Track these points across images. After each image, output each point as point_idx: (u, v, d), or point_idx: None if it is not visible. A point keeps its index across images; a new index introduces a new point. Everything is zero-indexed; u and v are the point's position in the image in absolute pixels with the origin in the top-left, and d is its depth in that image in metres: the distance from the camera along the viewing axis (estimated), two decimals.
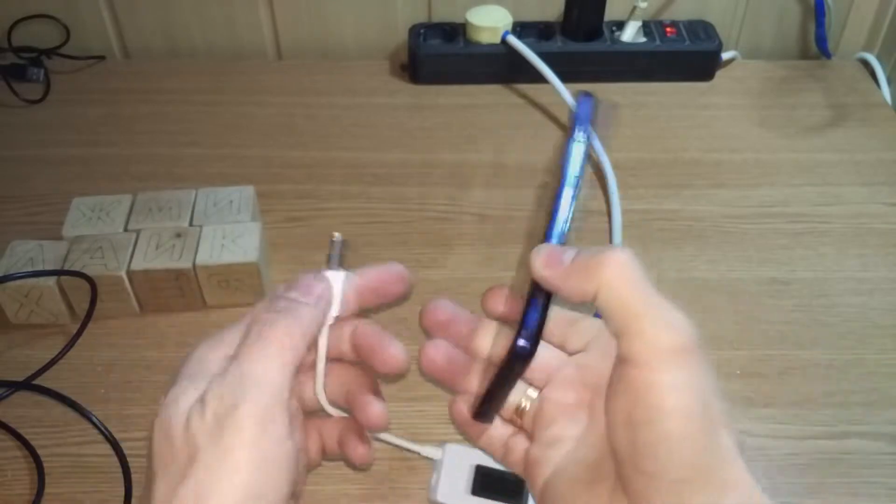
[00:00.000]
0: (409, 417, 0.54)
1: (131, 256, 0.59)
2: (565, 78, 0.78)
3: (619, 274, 0.32)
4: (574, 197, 0.36)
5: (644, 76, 0.83)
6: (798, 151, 0.75)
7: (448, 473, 0.43)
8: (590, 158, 0.74)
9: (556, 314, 0.36)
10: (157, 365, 0.57)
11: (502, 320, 0.37)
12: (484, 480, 0.42)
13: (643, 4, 0.80)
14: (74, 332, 0.58)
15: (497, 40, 0.81)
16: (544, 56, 0.79)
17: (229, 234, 0.60)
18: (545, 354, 0.36)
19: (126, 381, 0.56)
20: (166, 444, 0.31)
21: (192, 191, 0.64)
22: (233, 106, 0.81)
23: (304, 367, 0.37)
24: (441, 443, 0.46)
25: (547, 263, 0.33)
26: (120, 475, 0.51)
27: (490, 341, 0.37)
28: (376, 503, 0.50)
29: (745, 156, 0.75)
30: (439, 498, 0.43)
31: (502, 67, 0.82)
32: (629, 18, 0.82)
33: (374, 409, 0.36)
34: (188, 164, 0.74)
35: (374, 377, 0.38)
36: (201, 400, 0.32)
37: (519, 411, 0.37)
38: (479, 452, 0.42)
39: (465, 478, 0.42)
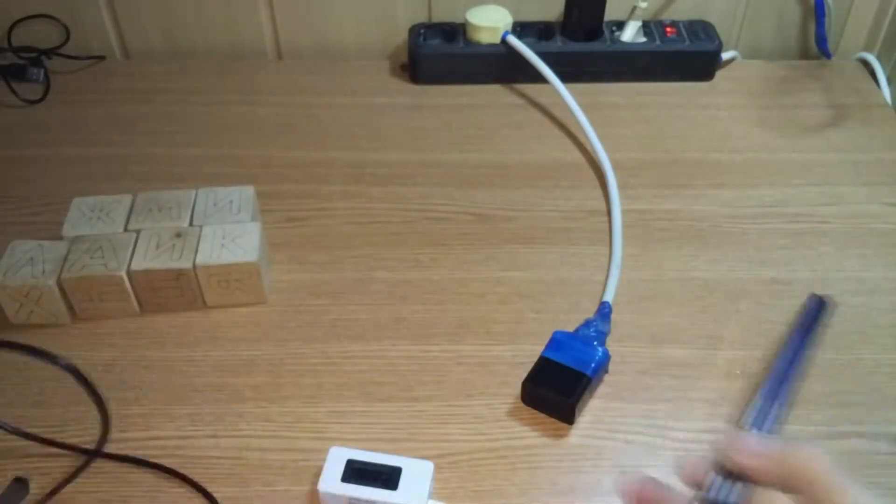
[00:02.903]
0: (408, 417, 0.54)
1: (131, 256, 0.59)
2: (565, 78, 0.78)
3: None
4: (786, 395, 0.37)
5: (644, 76, 0.83)
6: (798, 151, 0.75)
7: (329, 468, 0.49)
8: (589, 158, 0.75)
9: None
10: (157, 365, 0.57)
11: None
12: (355, 471, 0.49)
13: (643, 4, 0.80)
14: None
15: (497, 40, 0.81)
16: (544, 56, 0.79)
17: (229, 234, 0.60)
18: None
19: (126, 381, 0.56)
20: None
21: (192, 191, 0.64)
22: (233, 106, 0.81)
23: None
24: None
25: (743, 452, 0.34)
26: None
27: None
28: None
29: (745, 156, 0.75)
30: (320, 487, 0.49)
31: (502, 67, 0.82)
32: (629, 18, 0.82)
33: None
34: (188, 164, 0.74)
35: None
36: None
37: None
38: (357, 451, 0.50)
39: (341, 469, 0.50)
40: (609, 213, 0.69)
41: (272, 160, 0.74)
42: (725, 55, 0.85)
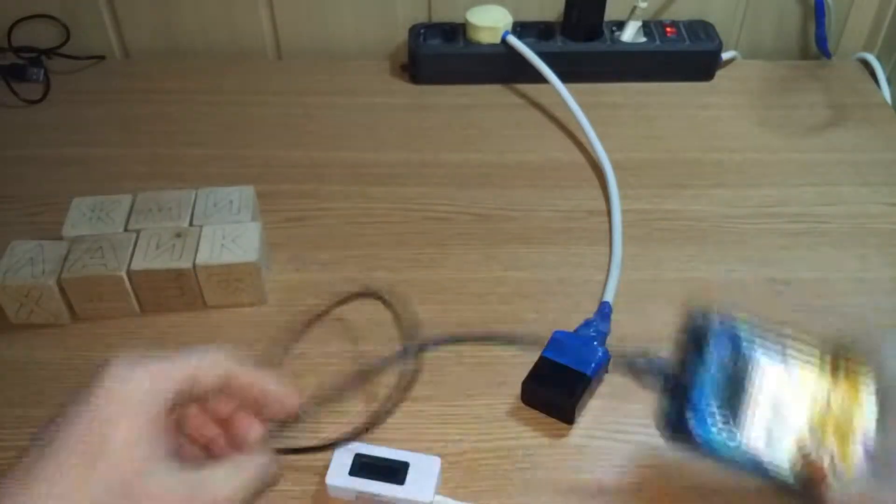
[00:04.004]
0: (408, 417, 0.54)
1: (131, 256, 0.59)
2: (565, 78, 0.78)
3: None
4: None
5: (644, 76, 0.83)
6: (798, 151, 0.75)
7: (337, 461, 0.50)
8: (589, 158, 0.74)
9: None
10: None
11: None
12: (363, 465, 0.49)
13: (643, 4, 0.80)
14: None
15: (497, 40, 0.81)
16: (544, 56, 0.79)
17: (229, 234, 0.60)
18: None
19: None
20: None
21: (192, 191, 0.64)
22: (233, 106, 0.81)
23: None
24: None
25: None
26: None
27: None
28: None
29: (745, 156, 0.75)
30: (328, 481, 0.49)
31: (502, 67, 0.82)
32: (629, 18, 0.82)
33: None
34: (188, 164, 0.74)
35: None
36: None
37: None
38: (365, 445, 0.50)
39: (349, 464, 0.50)
40: (609, 213, 0.69)
41: (272, 160, 0.74)
42: (725, 55, 0.85)
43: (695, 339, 0.44)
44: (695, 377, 0.43)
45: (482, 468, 0.51)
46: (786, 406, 0.41)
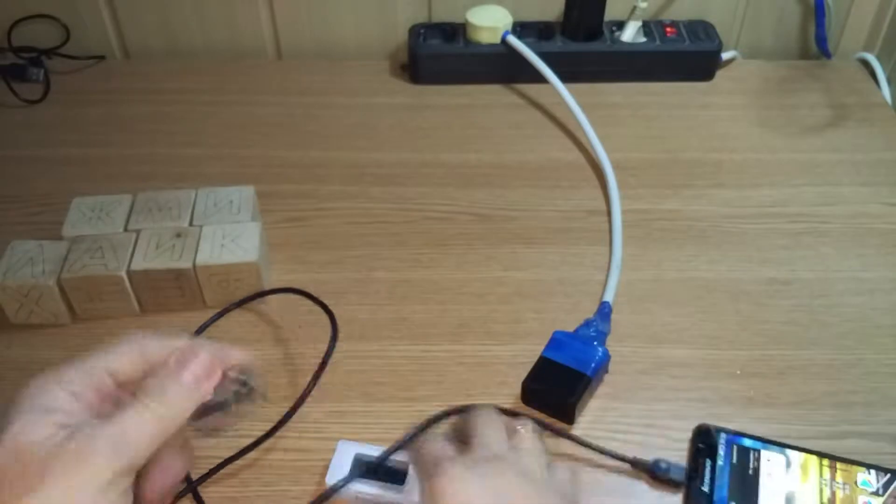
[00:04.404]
0: (408, 417, 0.54)
1: (131, 256, 0.59)
2: (565, 78, 0.78)
3: None
4: None
5: (644, 76, 0.83)
6: (798, 151, 0.75)
7: (337, 462, 0.50)
8: (589, 158, 0.75)
9: None
10: None
11: None
12: (363, 466, 0.49)
13: (643, 4, 0.80)
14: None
15: (497, 40, 0.81)
16: (544, 56, 0.79)
17: (229, 234, 0.60)
18: None
19: None
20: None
21: (192, 191, 0.64)
22: (233, 106, 0.81)
23: None
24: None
25: None
26: None
27: None
28: None
29: (745, 156, 0.75)
30: (328, 481, 0.49)
31: (502, 67, 0.82)
32: (629, 18, 0.82)
33: None
34: (188, 164, 0.74)
35: None
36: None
37: None
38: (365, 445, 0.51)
39: (348, 465, 0.50)
40: (609, 213, 0.69)
41: (272, 160, 0.74)
42: (725, 55, 0.85)
43: (707, 448, 0.51)
44: (711, 480, 0.50)
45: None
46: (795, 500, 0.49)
